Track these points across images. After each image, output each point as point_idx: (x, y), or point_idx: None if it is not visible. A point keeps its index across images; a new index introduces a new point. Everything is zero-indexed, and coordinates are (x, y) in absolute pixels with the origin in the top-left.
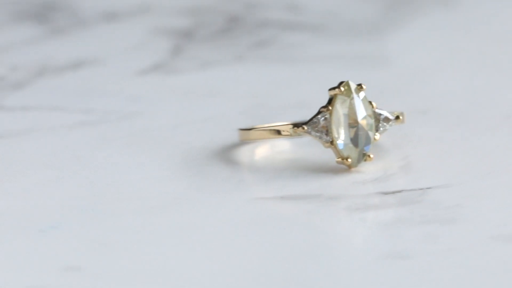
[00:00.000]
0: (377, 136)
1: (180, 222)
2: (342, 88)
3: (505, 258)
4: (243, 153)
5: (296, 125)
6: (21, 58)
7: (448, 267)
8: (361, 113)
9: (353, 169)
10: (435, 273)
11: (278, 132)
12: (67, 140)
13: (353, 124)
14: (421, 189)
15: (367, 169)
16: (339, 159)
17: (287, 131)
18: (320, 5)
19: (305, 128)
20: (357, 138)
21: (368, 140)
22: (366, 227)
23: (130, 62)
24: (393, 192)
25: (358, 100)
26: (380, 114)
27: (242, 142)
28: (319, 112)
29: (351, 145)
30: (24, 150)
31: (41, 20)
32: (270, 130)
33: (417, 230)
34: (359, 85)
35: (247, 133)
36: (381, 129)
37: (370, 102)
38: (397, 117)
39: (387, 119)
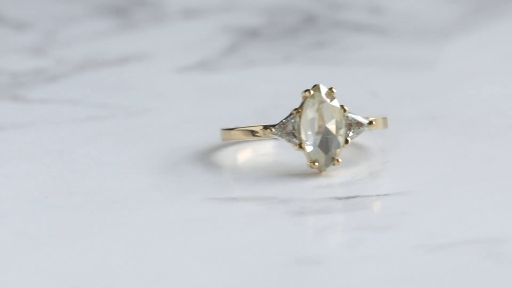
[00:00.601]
0: (348, 140)
1: (120, 220)
2: (312, 92)
3: (419, 268)
4: (226, 155)
5: (266, 127)
6: (75, 51)
7: (355, 274)
8: (330, 117)
9: (323, 173)
10: (340, 279)
11: (252, 133)
12: (63, 134)
13: (321, 128)
14: (377, 195)
15: (338, 173)
16: (309, 163)
17: (259, 133)
18: (402, 7)
19: (273, 130)
20: (325, 142)
21: (336, 145)
22: (297, 231)
23: (178, 58)
24: (347, 198)
25: (328, 104)
26: (352, 119)
27: (225, 142)
28: (289, 115)
29: (318, 149)
30: (15, 142)
31: (120, 15)
32: (245, 131)
33: (345, 236)
34: (330, 89)
35: (229, 133)
36: (351, 133)
37: (342, 106)
38: (370, 122)
39: (359, 124)
